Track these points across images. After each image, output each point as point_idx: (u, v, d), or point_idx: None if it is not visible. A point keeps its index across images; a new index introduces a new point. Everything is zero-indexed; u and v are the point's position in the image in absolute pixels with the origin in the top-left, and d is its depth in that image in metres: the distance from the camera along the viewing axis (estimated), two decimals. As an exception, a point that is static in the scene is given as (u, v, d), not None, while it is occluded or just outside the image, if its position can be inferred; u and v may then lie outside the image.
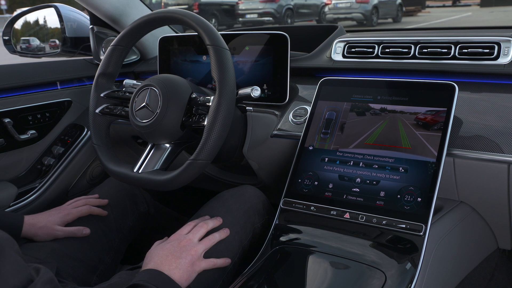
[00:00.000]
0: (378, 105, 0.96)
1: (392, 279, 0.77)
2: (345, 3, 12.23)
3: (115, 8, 1.40)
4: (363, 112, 0.97)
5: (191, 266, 0.83)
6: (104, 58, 1.06)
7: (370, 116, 0.96)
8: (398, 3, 13.08)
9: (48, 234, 1.01)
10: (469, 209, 0.99)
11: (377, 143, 0.92)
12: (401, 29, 1.90)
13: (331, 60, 1.17)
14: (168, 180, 0.92)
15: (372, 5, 12.00)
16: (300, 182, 0.96)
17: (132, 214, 1.15)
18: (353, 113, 0.98)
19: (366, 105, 0.97)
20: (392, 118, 0.93)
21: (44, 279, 0.62)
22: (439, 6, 17.59)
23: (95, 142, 1.06)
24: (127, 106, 1.04)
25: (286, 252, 0.89)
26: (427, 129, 0.89)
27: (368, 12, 11.93)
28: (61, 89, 1.42)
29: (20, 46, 1.54)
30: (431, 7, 17.08)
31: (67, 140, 1.42)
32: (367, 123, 0.95)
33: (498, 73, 0.98)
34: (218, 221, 0.94)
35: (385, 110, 0.95)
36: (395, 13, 12.97)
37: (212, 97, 0.92)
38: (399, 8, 13.24)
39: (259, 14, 11.74)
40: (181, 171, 0.90)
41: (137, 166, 0.98)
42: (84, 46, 1.48)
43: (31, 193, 1.34)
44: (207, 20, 0.95)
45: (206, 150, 0.89)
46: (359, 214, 0.87)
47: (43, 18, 1.53)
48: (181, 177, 0.91)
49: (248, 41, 1.17)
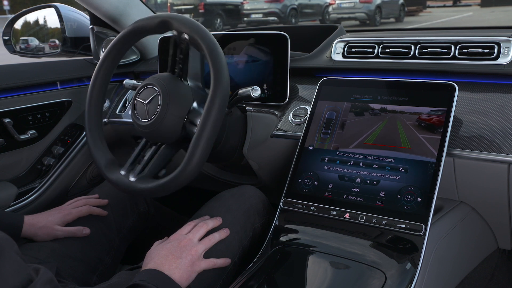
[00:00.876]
0: (378, 105, 0.96)
1: (392, 279, 0.77)
2: (349, 3, 12.34)
3: (115, 8, 1.40)
4: (363, 112, 0.97)
5: (191, 266, 0.83)
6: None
7: (370, 116, 0.96)
8: (400, 3, 13.20)
9: (48, 234, 1.01)
10: (469, 209, 0.99)
11: (377, 143, 0.92)
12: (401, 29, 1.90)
13: (331, 60, 1.17)
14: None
15: (376, 5, 12.10)
16: (300, 182, 0.96)
17: (132, 214, 1.15)
18: (353, 113, 0.98)
19: (366, 105, 0.97)
20: (392, 118, 0.93)
21: (44, 279, 0.62)
22: (439, 6, 17.63)
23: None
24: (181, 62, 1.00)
25: (286, 252, 0.89)
26: (427, 129, 0.89)
27: (372, 12, 12.01)
28: (61, 89, 1.42)
29: (20, 46, 1.54)
30: (432, 7, 17.13)
31: (67, 140, 1.42)
32: (367, 123, 0.95)
33: (498, 73, 0.98)
34: (218, 221, 0.94)
35: (385, 110, 0.95)
36: (397, 13, 13.06)
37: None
38: (402, 8, 13.35)
39: (264, 14, 11.86)
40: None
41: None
42: (84, 46, 1.48)
43: (31, 193, 1.34)
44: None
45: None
46: (359, 214, 0.87)
47: (43, 18, 1.53)
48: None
49: (248, 41, 1.17)
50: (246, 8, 12.18)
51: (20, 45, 1.54)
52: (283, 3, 11.80)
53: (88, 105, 1.04)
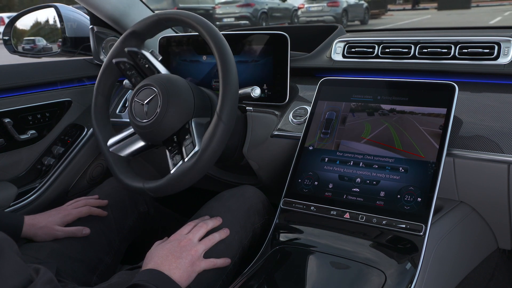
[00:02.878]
0: (378, 105, 0.96)
1: (392, 279, 0.77)
2: (317, 6, 13.20)
3: (116, 8, 1.40)
4: (363, 112, 0.97)
5: (191, 266, 0.83)
6: (144, 21, 1.03)
7: (370, 116, 0.96)
8: (365, 7, 14.40)
9: (48, 234, 1.01)
10: (469, 209, 0.99)
11: (377, 143, 0.92)
12: (401, 29, 1.89)
13: (331, 60, 1.17)
14: (119, 179, 1.00)
15: (342, 8, 12.91)
16: (300, 182, 0.96)
17: (132, 215, 1.15)
18: (353, 113, 0.98)
19: (366, 105, 0.97)
20: (392, 118, 0.93)
21: (44, 280, 0.62)
22: (399, 9, 19.73)
23: (97, 87, 1.09)
24: (140, 75, 1.06)
25: (286, 252, 0.89)
26: (427, 129, 0.89)
27: (339, 15, 12.77)
28: (61, 89, 1.42)
29: (23, 46, 1.54)
30: (393, 10, 19.01)
31: (67, 140, 1.42)
32: (367, 123, 0.95)
33: (498, 73, 0.98)
34: (218, 221, 0.94)
35: (385, 110, 0.95)
36: (362, 16, 14.06)
37: (194, 150, 0.92)
38: (366, 11, 14.49)
39: (236, 18, 12.36)
40: (130, 186, 0.98)
41: (111, 141, 1.05)
42: (84, 46, 1.48)
43: (31, 193, 1.34)
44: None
45: (159, 191, 0.95)
46: (359, 214, 0.87)
47: (45, 18, 1.53)
48: (127, 188, 0.99)
49: (248, 41, 1.17)
50: (218, 12, 12.69)
51: (24, 45, 1.54)
52: (254, 7, 12.31)
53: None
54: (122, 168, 1.02)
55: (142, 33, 1.04)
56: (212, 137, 0.89)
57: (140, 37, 1.05)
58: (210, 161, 0.90)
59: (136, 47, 1.06)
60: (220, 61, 0.91)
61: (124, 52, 1.06)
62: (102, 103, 1.09)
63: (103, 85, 1.08)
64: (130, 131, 1.05)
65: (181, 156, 0.94)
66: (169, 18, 1.00)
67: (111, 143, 1.05)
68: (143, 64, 1.05)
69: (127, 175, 1.00)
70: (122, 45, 1.05)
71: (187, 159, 0.92)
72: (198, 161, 0.89)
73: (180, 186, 0.92)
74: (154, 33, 1.06)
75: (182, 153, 0.94)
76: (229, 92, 0.90)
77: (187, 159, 0.92)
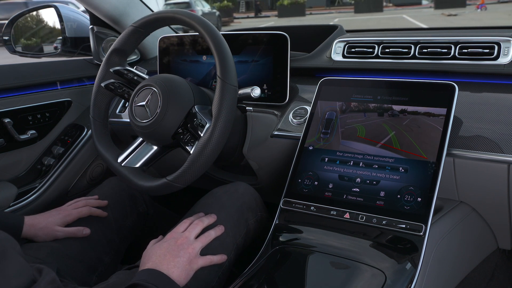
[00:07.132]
0: (378, 105, 0.96)
1: (392, 279, 0.77)
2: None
3: (115, 8, 1.40)
4: (363, 112, 0.97)
5: (189, 264, 0.83)
6: (122, 36, 1.05)
7: (370, 116, 0.96)
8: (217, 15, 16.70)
9: (48, 235, 1.01)
10: (469, 209, 0.99)
11: (377, 143, 0.92)
12: (401, 29, 1.89)
13: (331, 60, 1.17)
14: (141, 186, 0.96)
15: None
16: (300, 182, 0.96)
17: (131, 215, 1.15)
18: (353, 113, 0.98)
19: (366, 105, 0.97)
20: (392, 118, 0.93)
21: (47, 280, 0.62)
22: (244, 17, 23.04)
23: (93, 114, 1.08)
24: (131, 88, 1.05)
25: (286, 252, 0.89)
26: (427, 129, 0.89)
27: None
28: (61, 89, 1.42)
29: (55, 46, 1.55)
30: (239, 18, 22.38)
31: (67, 140, 1.42)
32: (367, 123, 0.95)
33: (498, 73, 0.98)
34: (213, 218, 0.95)
35: (385, 110, 0.95)
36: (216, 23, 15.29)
37: (206, 126, 0.91)
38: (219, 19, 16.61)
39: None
40: (155, 187, 0.94)
41: (122, 157, 1.02)
42: (84, 46, 1.48)
43: (31, 193, 1.34)
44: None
45: (185, 177, 0.90)
46: (359, 214, 0.87)
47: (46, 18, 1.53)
48: (153, 191, 0.95)
49: (248, 41, 1.17)
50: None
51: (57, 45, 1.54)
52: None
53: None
54: (139, 175, 0.99)
55: (122, 50, 1.06)
56: (222, 100, 0.88)
57: (122, 54, 1.07)
58: (227, 123, 0.88)
59: (120, 65, 1.07)
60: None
61: (110, 73, 1.07)
62: (101, 128, 1.08)
63: (98, 110, 1.08)
64: (137, 142, 1.04)
65: (195, 136, 0.93)
66: (144, 23, 1.02)
67: (122, 159, 1.02)
68: (131, 77, 1.06)
69: (147, 179, 0.97)
70: (106, 67, 1.07)
71: (202, 134, 0.90)
72: (215, 128, 0.87)
73: (204, 162, 0.88)
74: (135, 44, 1.07)
75: (196, 133, 0.93)
76: (227, 56, 0.90)
77: (202, 134, 0.90)
